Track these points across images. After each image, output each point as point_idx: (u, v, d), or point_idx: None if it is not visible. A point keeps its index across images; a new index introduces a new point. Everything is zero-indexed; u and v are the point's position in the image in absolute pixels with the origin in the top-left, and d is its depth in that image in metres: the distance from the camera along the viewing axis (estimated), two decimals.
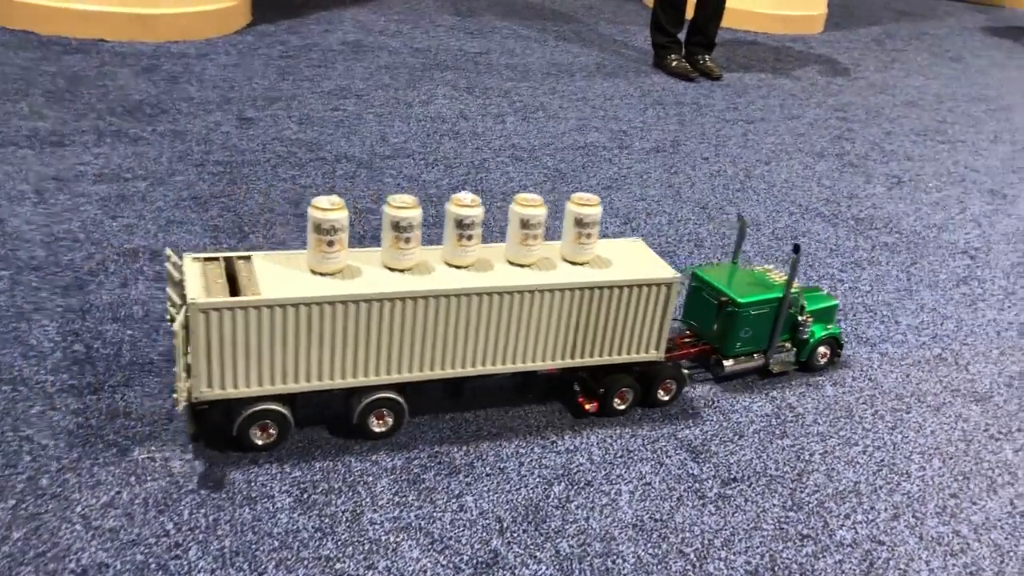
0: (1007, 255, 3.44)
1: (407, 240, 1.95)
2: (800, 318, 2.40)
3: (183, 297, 1.80)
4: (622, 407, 2.21)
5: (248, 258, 1.95)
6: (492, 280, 1.98)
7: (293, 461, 1.93)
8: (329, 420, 2.06)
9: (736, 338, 2.33)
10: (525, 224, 2.03)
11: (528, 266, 2.06)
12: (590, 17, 6.45)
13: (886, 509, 2.03)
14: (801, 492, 2.05)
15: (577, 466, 2.03)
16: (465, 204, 1.98)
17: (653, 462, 2.08)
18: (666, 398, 2.26)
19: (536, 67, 5.08)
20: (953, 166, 4.33)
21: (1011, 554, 1.96)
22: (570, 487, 1.96)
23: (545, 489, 1.94)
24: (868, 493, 2.08)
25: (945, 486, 2.13)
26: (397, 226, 1.93)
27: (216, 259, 1.92)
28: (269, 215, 2.97)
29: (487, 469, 1.98)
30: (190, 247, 2.71)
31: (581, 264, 2.10)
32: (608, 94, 4.78)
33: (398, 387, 2.01)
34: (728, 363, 2.36)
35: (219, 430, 1.94)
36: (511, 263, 2.07)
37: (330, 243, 1.89)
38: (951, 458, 2.23)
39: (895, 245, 3.40)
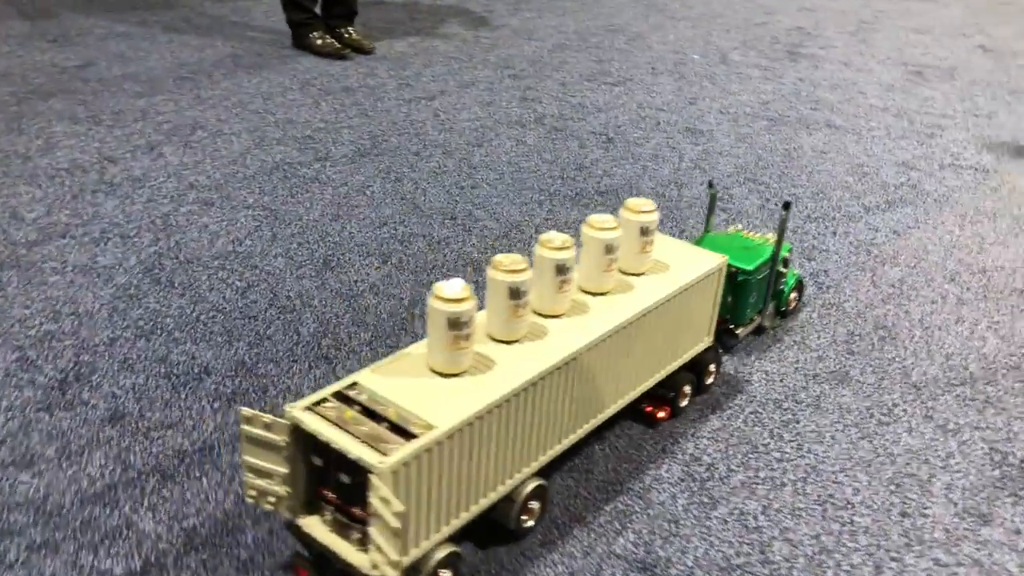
0: (748, 197, 3.36)
1: (524, 306, 1.68)
2: (782, 270, 2.42)
3: (292, 465, 1.44)
4: (684, 404, 2.12)
5: (354, 384, 1.53)
6: (613, 316, 1.79)
7: None
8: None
9: (747, 305, 2.30)
10: (609, 249, 1.84)
11: (608, 292, 1.88)
12: None
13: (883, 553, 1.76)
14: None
15: None
16: (556, 247, 1.73)
17: None
18: (710, 381, 2.21)
19: (161, 72, 4.15)
20: (639, 109, 4.21)
21: None
22: None
23: None
24: (834, 548, 1.79)
25: (890, 504, 1.91)
26: (516, 293, 1.64)
27: (326, 400, 1.47)
28: None
29: None
30: None
31: (645, 274, 1.97)
32: (265, 92, 4.02)
33: (542, 470, 1.74)
34: (740, 331, 2.33)
35: None
36: (590, 293, 1.87)
37: (467, 337, 1.56)
38: (872, 465, 2.02)
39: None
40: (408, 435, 1.39)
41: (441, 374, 1.57)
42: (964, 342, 2.50)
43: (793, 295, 2.53)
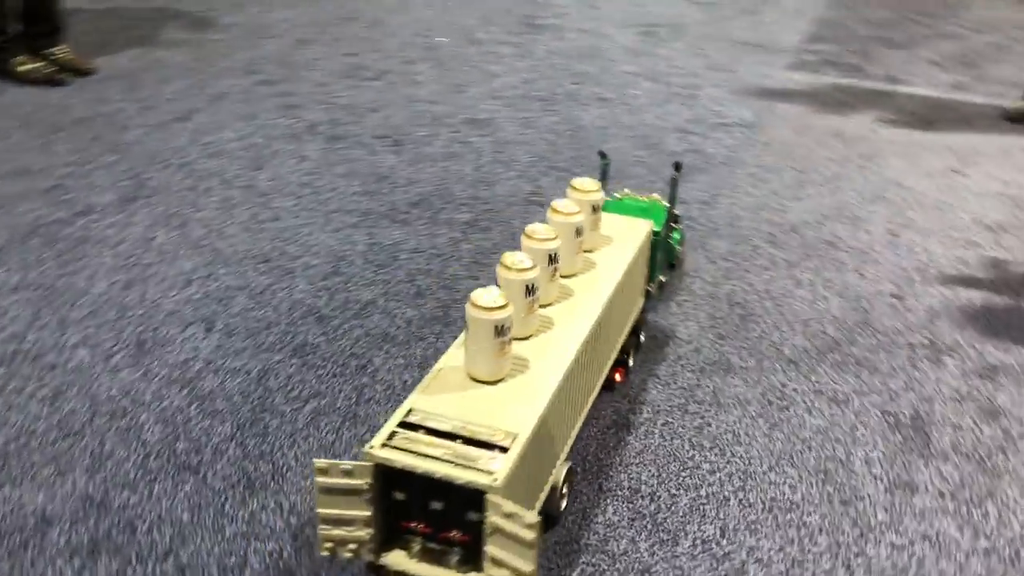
0: (557, 186, 3.26)
1: (536, 302, 1.70)
2: (673, 225, 2.52)
3: (374, 506, 1.39)
4: (631, 363, 2.19)
5: (411, 411, 1.49)
6: (598, 294, 1.86)
7: None
8: None
9: (657, 264, 2.37)
10: (578, 232, 1.87)
11: (578, 273, 1.92)
12: None
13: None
14: None
15: None
16: (544, 237, 1.75)
17: None
18: (643, 338, 2.29)
19: None
20: (411, 104, 3.98)
21: None
22: None
23: None
24: (801, 557, 1.74)
25: (838, 522, 1.90)
26: (530, 290, 1.66)
27: (395, 433, 1.43)
28: None
29: None
30: None
31: (598, 249, 2.01)
32: None
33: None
34: (652, 289, 2.39)
35: None
36: (564, 276, 1.88)
37: (510, 342, 1.57)
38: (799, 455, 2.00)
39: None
40: (493, 447, 1.40)
41: (485, 382, 1.56)
42: (811, 306, 2.57)
43: (679, 248, 2.68)
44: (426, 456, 1.36)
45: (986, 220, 3.12)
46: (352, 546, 1.40)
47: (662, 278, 2.50)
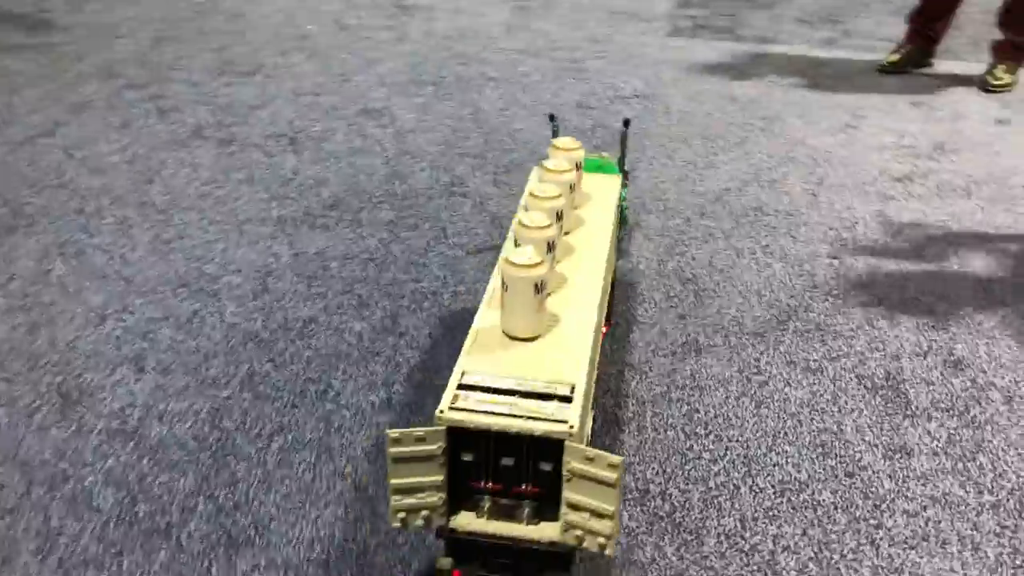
0: (475, 175, 3.12)
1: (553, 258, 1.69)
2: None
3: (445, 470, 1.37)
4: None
5: (463, 372, 1.45)
6: (598, 247, 1.86)
7: None
8: None
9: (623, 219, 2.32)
10: (572, 189, 1.84)
11: (572, 230, 1.90)
12: None
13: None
14: None
15: None
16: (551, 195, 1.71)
17: None
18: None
19: None
20: (297, 98, 3.72)
21: None
22: None
23: None
24: (827, 539, 1.70)
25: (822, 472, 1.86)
26: (550, 247, 1.63)
27: (456, 396, 1.39)
28: None
29: None
30: None
31: (584, 206, 1.97)
32: None
33: None
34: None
35: None
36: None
37: (547, 296, 1.56)
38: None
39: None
40: (555, 398, 1.40)
41: (523, 339, 1.54)
42: (758, 275, 2.55)
43: (626, 205, 2.59)
44: (496, 414, 1.36)
45: (892, 172, 3.20)
46: (424, 513, 1.40)
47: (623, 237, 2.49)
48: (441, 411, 1.36)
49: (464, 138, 3.37)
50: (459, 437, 1.37)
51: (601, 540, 1.35)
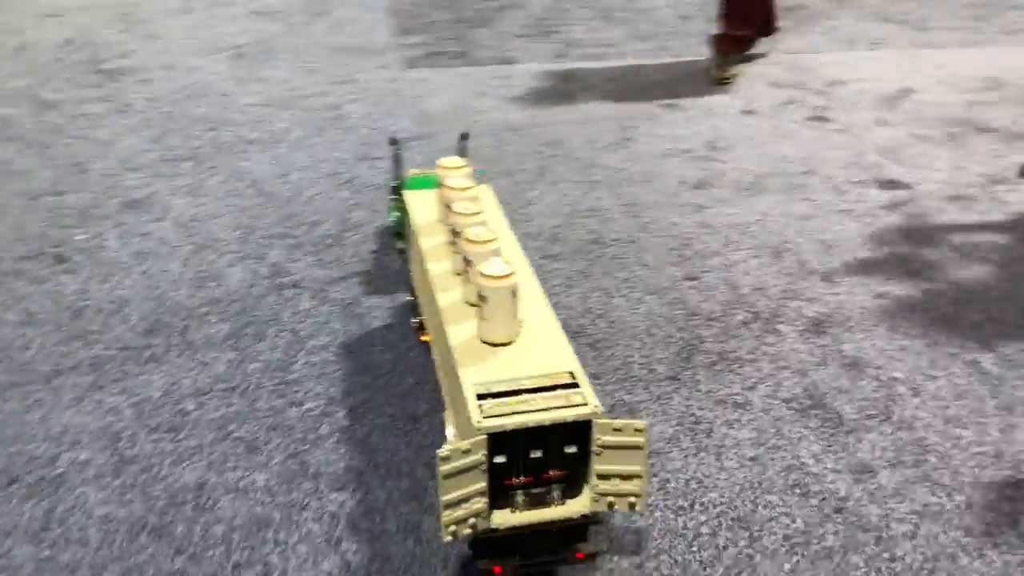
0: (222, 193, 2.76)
1: None
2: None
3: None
4: None
5: (472, 384, 1.53)
6: (512, 243, 1.98)
7: None
8: None
9: None
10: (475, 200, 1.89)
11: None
12: None
13: None
14: None
15: None
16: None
17: None
18: None
19: None
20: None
21: None
22: None
23: None
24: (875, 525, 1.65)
25: None
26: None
27: (480, 405, 1.47)
28: None
29: None
30: None
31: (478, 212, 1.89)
32: None
33: None
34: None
35: None
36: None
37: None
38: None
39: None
40: (562, 387, 1.51)
41: (503, 344, 1.63)
42: (638, 312, 2.49)
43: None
44: (526, 412, 1.46)
45: (689, 180, 3.29)
46: (471, 521, 1.47)
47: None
48: (479, 422, 1.43)
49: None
50: (493, 442, 1.44)
51: (631, 500, 1.50)
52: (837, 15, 5.21)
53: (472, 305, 1.69)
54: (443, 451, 1.40)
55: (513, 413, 1.45)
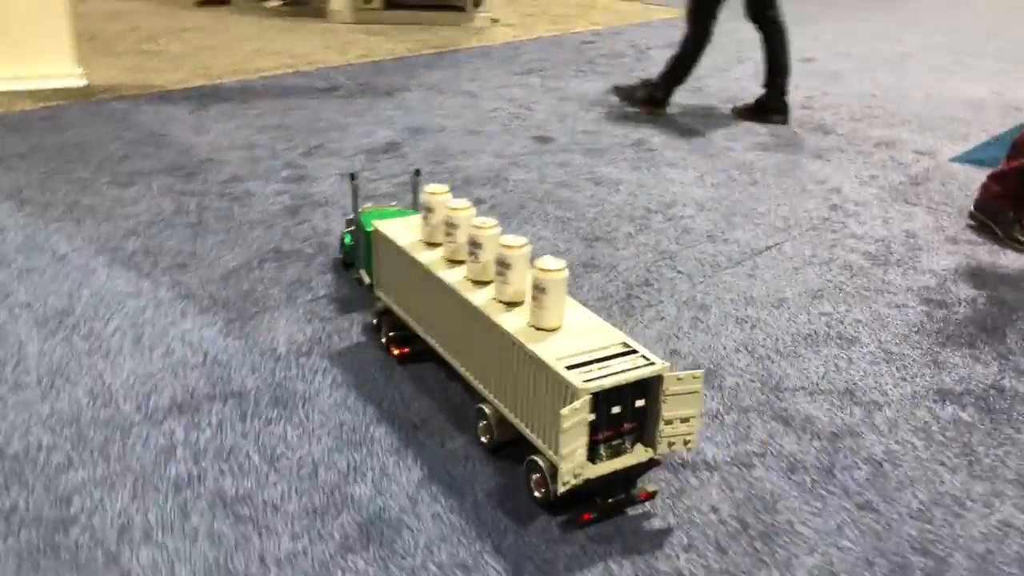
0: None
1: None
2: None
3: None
4: None
5: (553, 357, 1.74)
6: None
7: None
8: None
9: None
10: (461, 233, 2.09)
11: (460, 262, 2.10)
12: None
13: None
14: None
15: None
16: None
17: None
18: None
19: None
20: None
21: None
22: None
23: None
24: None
25: None
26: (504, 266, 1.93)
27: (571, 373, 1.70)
28: None
29: None
30: None
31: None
32: None
33: None
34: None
35: None
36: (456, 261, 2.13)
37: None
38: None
39: None
40: (623, 354, 1.73)
41: (554, 329, 1.81)
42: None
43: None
44: (615, 373, 1.66)
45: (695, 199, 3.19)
46: (577, 472, 1.65)
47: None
48: (580, 388, 1.61)
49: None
50: (587, 402, 1.60)
51: (687, 438, 1.73)
52: None
53: (476, 283, 1.94)
54: (565, 410, 1.58)
55: (605, 376, 1.64)
